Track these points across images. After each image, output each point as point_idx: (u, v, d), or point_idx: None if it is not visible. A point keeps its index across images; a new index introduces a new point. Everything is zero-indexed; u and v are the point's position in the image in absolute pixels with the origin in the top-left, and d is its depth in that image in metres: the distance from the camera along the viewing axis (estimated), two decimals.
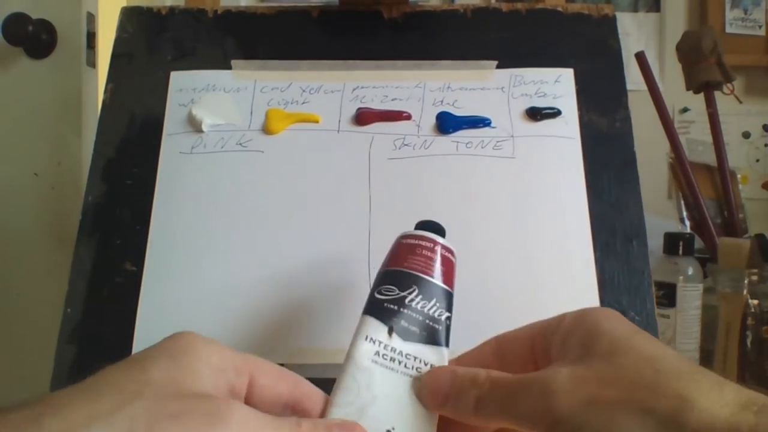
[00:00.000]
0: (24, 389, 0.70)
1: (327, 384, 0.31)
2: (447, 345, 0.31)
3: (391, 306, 0.30)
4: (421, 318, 0.30)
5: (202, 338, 0.26)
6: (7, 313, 0.74)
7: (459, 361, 0.31)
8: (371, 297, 0.31)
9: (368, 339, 0.30)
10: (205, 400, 0.23)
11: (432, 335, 0.30)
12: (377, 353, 0.30)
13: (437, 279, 0.31)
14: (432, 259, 0.32)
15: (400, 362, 0.30)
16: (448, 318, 0.31)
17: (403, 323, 0.30)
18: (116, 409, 0.21)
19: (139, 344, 0.42)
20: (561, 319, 0.28)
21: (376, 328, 0.30)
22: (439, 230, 0.34)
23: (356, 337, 0.30)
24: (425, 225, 0.34)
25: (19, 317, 0.73)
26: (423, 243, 0.32)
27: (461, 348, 0.42)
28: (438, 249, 0.32)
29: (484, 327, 0.42)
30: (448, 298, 0.31)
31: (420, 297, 0.31)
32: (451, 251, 0.33)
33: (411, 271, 0.31)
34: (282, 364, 0.41)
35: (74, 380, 0.41)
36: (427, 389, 0.29)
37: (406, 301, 0.30)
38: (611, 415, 0.23)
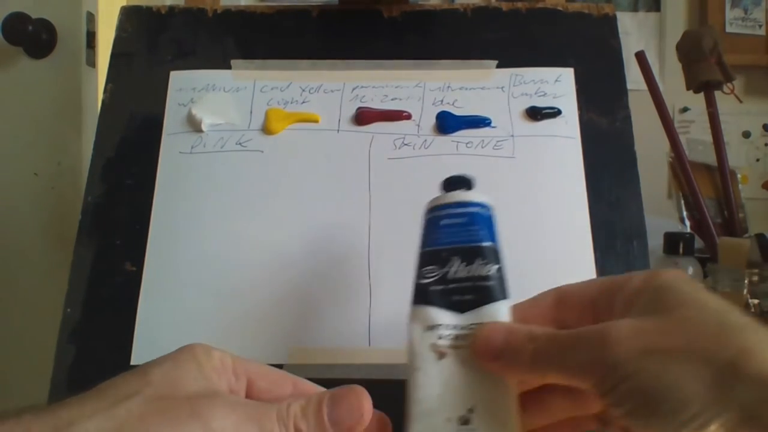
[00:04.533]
0: (24, 389, 0.70)
1: (327, 384, 0.31)
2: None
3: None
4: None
5: (206, 347, 0.27)
6: (7, 313, 0.74)
7: (516, 309, 0.30)
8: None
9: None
10: (191, 399, 0.25)
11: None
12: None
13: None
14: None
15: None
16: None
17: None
18: (116, 404, 0.24)
19: (139, 344, 0.42)
20: (628, 278, 0.28)
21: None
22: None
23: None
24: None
25: (19, 317, 0.73)
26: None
27: None
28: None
29: None
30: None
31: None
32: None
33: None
34: (282, 365, 0.41)
35: (74, 380, 0.41)
36: (479, 344, 0.28)
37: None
38: (667, 362, 0.23)
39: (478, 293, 0.29)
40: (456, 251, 0.30)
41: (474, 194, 0.32)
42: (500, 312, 0.29)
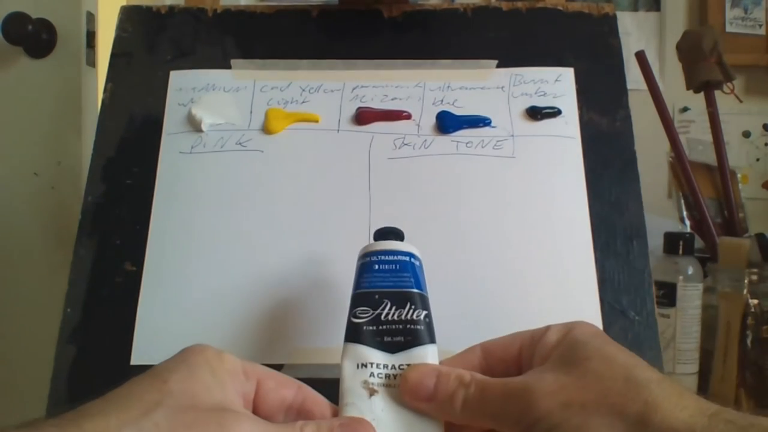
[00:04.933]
0: (24, 389, 0.70)
1: (327, 384, 0.31)
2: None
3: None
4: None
5: (215, 350, 0.28)
6: (7, 313, 0.74)
7: (445, 363, 0.32)
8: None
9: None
10: (216, 412, 0.25)
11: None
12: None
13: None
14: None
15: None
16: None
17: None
18: (142, 415, 0.24)
19: (139, 344, 0.42)
20: (546, 329, 0.31)
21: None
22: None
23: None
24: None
25: (19, 317, 0.73)
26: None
27: (459, 346, 0.41)
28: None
29: (483, 326, 0.42)
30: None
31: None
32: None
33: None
34: (282, 365, 0.41)
35: (74, 380, 0.41)
36: (411, 385, 0.30)
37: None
38: (585, 415, 0.26)
39: (408, 336, 0.31)
40: (388, 295, 0.32)
41: (406, 245, 0.34)
42: (429, 355, 0.31)
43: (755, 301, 0.59)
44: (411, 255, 0.34)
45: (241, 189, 0.46)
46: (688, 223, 0.85)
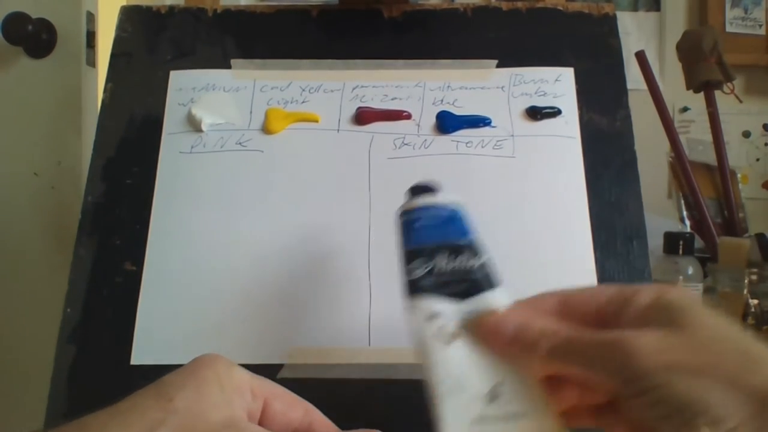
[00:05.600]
0: (24, 389, 0.70)
1: (327, 384, 0.31)
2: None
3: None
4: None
5: (227, 364, 0.28)
6: (7, 313, 0.74)
7: (519, 305, 0.30)
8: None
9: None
10: (221, 430, 0.25)
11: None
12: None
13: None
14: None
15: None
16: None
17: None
18: None
19: (139, 344, 0.42)
20: (635, 291, 0.28)
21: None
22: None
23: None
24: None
25: (19, 317, 0.73)
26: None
27: None
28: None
29: None
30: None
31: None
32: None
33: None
34: (282, 365, 0.41)
35: (74, 380, 0.41)
36: (489, 329, 0.29)
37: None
38: (697, 381, 0.24)
39: (472, 282, 0.30)
40: (440, 247, 0.31)
41: (445, 196, 0.33)
42: (498, 299, 0.30)
43: (755, 301, 0.59)
44: (453, 204, 0.33)
45: (241, 189, 0.46)
46: (688, 223, 0.85)
